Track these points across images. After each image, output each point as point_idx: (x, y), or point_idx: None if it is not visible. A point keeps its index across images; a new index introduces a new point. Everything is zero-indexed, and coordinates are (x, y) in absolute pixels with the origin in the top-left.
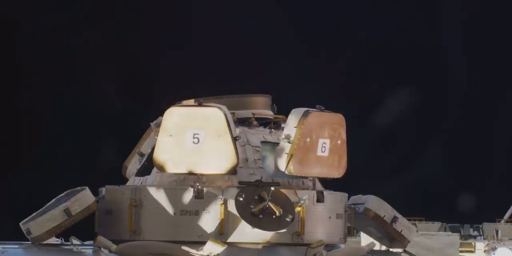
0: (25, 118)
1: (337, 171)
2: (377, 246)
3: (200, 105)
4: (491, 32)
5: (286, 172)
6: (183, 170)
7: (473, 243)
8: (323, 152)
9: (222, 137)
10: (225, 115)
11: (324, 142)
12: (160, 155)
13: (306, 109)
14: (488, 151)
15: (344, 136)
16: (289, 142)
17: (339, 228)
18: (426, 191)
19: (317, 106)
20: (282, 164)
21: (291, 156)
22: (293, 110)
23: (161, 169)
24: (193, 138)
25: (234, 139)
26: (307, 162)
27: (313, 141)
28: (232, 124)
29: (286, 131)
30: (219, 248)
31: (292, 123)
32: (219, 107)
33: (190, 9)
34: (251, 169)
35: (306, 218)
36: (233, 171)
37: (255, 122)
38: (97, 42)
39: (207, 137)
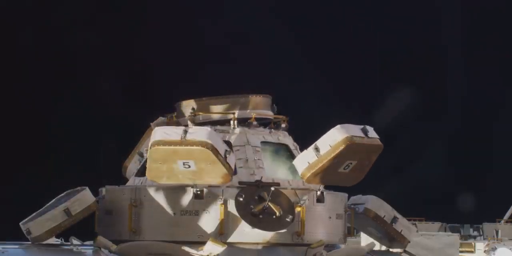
0: (25, 118)
1: (349, 183)
2: (377, 246)
3: (183, 143)
4: (491, 31)
5: (300, 176)
6: (177, 182)
7: (473, 243)
8: (345, 169)
9: (213, 163)
10: (212, 146)
11: (350, 163)
12: (152, 175)
13: (353, 128)
14: (488, 151)
15: (374, 159)
16: (317, 154)
17: (339, 228)
18: (426, 191)
19: (364, 127)
20: (299, 167)
21: (311, 168)
22: (339, 127)
23: (155, 181)
24: (183, 165)
25: (225, 158)
26: (324, 176)
27: (340, 162)
28: (220, 146)
29: (319, 143)
30: (219, 248)
31: (329, 140)
32: (204, 141)
33: (191, 9)
34: (251, 169)
35: (306, 218)
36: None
37: (255, 122)
38: (97, 42)
39: (197, 164)
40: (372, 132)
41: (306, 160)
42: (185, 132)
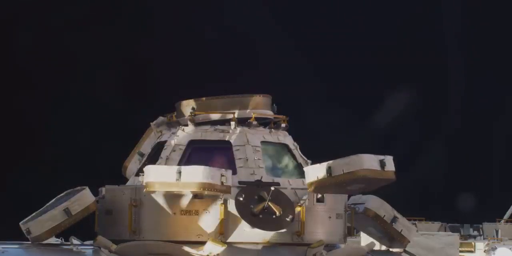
0: (25, 118)
1: (352, 192)
2: (377, 246)
3: (178, 185)
4: (491, 31)
5: (306, 185)
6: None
7: (473, 243)
8: (352, 188)
9: (210, 194)
10: (210, 185)
11: (359, 186)
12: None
13: (371, 160)
14: (488, 151)
15: (383, 185)
16: (328, 174)
17: (339, 228)
18: (426, 191)
19: (383, 159)
20: (308, 177)
21: (319, 182)
22: (358, 157)
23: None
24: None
25: (222, 184)
26: (330, 190)
27: (349, 184)
28: (217, 177)
29: (334, 165)
30: (219, 248)
31: (344, 166)
32: (200, 183)
33: (190, 9)
34: (251, 169)
35: (306, 218)
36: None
37: (255, 122)
38: (97, 43)
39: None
40: (389, 165)
41: (316, 174)
42: (179, 173)
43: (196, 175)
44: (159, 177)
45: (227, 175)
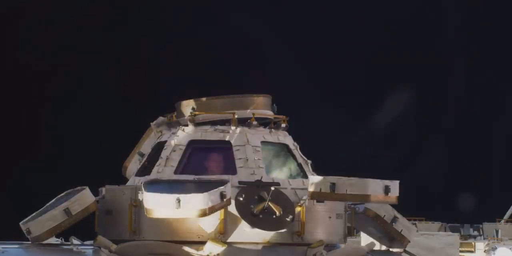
0: (25, 118)
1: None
2: (377, 246)
3: (178, 213)
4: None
5: (306, 185)
6: None
7: (473, 243)
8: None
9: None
10: (211, 209)
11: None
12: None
13: (376, 185)
14: (488, 151)
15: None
16: (331, 189)
17: (339, 228)
18: (426, 191)
19: (388, 186)
20: (310, 185)
21: (320, 194)
22: (363, 181)
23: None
24: None
25: (221, 206)
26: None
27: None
28: (217, 200)
29: (338, 182)
30: (219, 248)
31: (348, 187)
32: (201, 210)
33: (191, 9)
34: (251, 169)
35: (306, 218)
36: None
37: (255, 122)
38: (97, 43)
39: None
40: (394, 191)
41: (320, 186)
42: (179, 201)
43: (196, 203)
44: (159, 205)
45: (227, 190)
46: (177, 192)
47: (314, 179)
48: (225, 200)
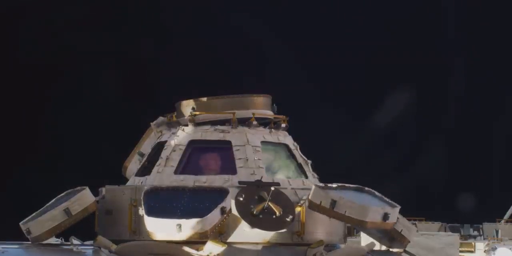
0: (25, 119)
1: None
2: (377, 246)
3: (180, 236)
4: (491, 31)
5: (306, 185)
6: None
7: (473, 243)
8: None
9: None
10: (212, 228)
11: None
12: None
13: (375, 212)
14: (488, 151)
15: None
16: (331, 207)
17: (339, 228)
18: (426, 191)
19: (387, 213)
20: (312, 195)
21: (319, 207)
22: (363, 207)
23: None
24: None
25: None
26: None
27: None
28: (217, 219)
29: (339, 201)
30: (219, 248)
31: (348, 209)
32: (203, 233)
33: (191, 9)
34: (251, 169)
35: (306, 218)
36: None
37: (255, 122)
38: (97, 43)
39: None
40: (392, 217)
41: (320, 199)
42: (179, 226)
43: (197, 227)
44: (160, 230)
45: (227, 204)
46: (177, 216)
47: (316, 190)
48: (225, 214)
